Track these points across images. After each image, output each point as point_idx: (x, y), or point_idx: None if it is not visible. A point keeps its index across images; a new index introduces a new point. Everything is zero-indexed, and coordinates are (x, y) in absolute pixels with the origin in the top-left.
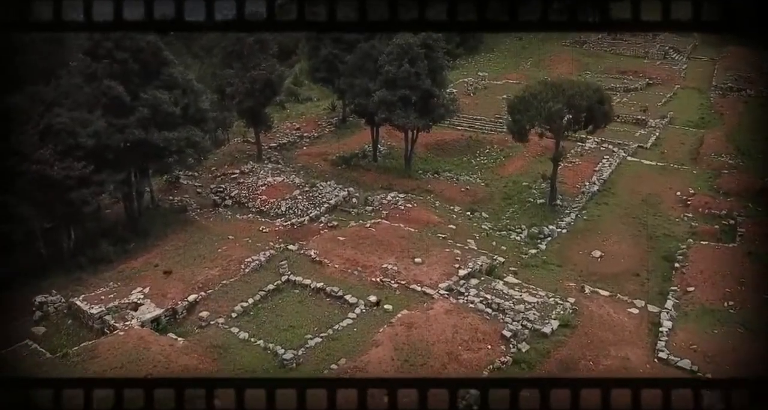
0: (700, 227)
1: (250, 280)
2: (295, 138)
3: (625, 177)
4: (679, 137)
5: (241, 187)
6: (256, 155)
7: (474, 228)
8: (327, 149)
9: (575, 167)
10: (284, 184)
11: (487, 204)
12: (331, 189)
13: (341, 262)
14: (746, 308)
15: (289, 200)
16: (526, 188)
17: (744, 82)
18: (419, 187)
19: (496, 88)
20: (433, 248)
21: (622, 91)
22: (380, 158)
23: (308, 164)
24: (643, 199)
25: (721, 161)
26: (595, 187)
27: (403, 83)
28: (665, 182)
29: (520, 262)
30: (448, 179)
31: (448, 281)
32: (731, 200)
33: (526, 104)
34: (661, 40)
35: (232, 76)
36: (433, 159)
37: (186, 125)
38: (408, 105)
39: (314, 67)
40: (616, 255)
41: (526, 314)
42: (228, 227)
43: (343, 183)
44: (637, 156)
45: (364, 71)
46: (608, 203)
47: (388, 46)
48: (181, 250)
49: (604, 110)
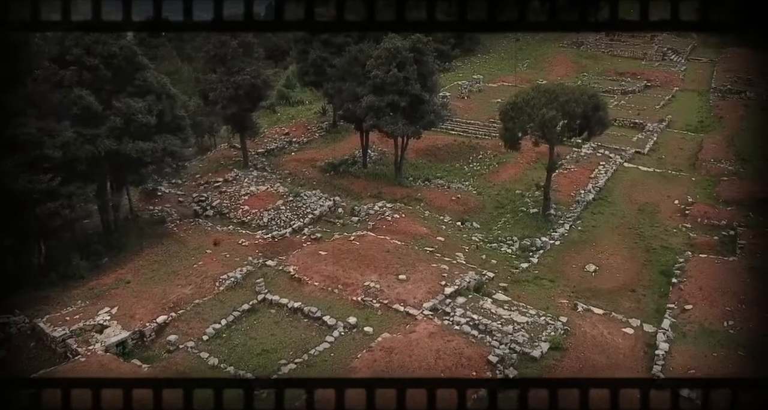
0: (698, 239)
1: (224, 299)
2: (284, 143)
3: (621, 184)
4: (677, 142)
5: (223, 196)
6: (242, 161)
7: (463, 240)
8: (316, 154)
9: (570, 173)
10: (268, 193)
11: (479, 214)
12: (316, 199)
13: (321, 279)
14: (747, 328)
15: (271, 211)
16: (519, 196)
17: (744, 85)
18: (409, 195)
19: (491, 91)
20: (419, 263)
21: (619, 93)
22: (371, 164)
23: (296, 170)
24: (640, 208)
25: (720, 168)
26: (590, 195)
27: (392, 88)
28: (663, 190)
29: (511, 277)
30: (439, 187)
31: (433, 299)
32: (731, 209)
33: (518, 111)
34: (660, 41)
35: (215, 81)
36: (424, 165)
37: (162, 134)
38: (397, 111)
39: (303, 70)
40: (611, 269)
41: (514, 336)
42: (207, 240)
43: (330, 192)
44: (635, 162)
45: (352, 76)
46: (604, 213)
47: (377, 50)
48: (155, 265)
49: (600, 116)
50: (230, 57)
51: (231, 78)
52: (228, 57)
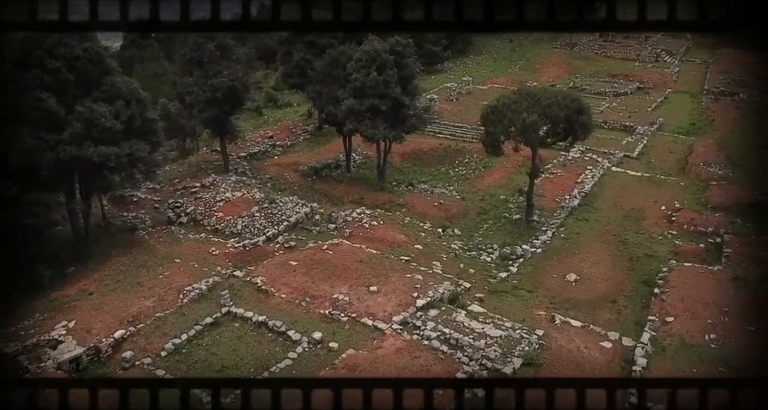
0: (683, 247)
1: (187, 312)
2: (267, 147)
3: (608, 189)
4: (667, 145)
5: (198, 202)
6: (223, 166)
7: (442, 248)
8: (299, 158)
9: (556, 178)
10: (243, 199)
11: (461, 220)
12: (292, 205)
13: (289, 291)
14: (729, 342)
15: (246, 218)
16: (503, 202)
17: (737, 86)
18: (391, 200)
19: (481, 93)
20: (392, 273)
21: (611, 95)
22: (354, 168)
23: (277, 175)
24: (626, 214)
25: (710, 172)
26: (575, 201)
27: (372, 92)
28: (650, 195)
29: (488, 287)
30: (423, 192)
31: (403, 313)
32: (719, 215)
33: (499, 115)
34: (654, 42)
35: (192, 85)
36: (409, 169)
37: (130, 139)
38: (377, 115)
39: (287, 72)
40: (593, 279)
41: (486, 351)
42: (177, 249)
43: (310, 197)
44: (623, 166)
45: (333, 78)
46: (588, 219)
47: (357, 53)
48: (120, 276)
49: (583, 120)
50: (207, 60)
51: (208, 81)
52: (205, 60)
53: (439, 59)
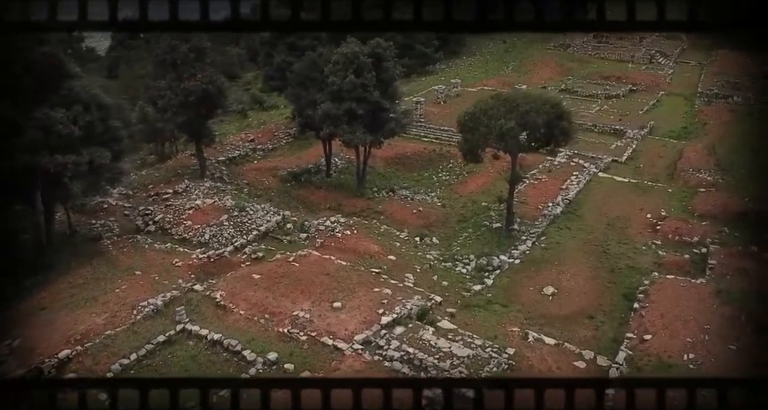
0: (667, 258)
1: (140, 330)
2: (248, 150)
3: (593, 196)
4: (657, 150)
5: (167, 210)
6: (199, 171)
7: (417, 259)
8: (279, 162)
9: (541, 184)
10: (214, 207)
11: (440, 228)
12: (263, 213)
13: (248, 307)
14: (708, 363)
15: (214, 227)
16: (484, 209)
17: (731, 89)
18: (369, 207)
19: (470, 96)
20: (359, 287)
21: (603, 98)
22: (335, 173)
23: (255, 180)
24: (610, 222)
25: (699, 178)
26: (558, 208)
27: (349, 96)
28: (636, 202)
29: (461, 301)
30: (403, 199)
31: (366, 331)
32: (706, 223)
33: (475, 121)
34: (648, 43)
35: (164, 88)
36: (392, 174)
37: (92, 146)
38: (355, 119)
39: (269, 74)
40: (571, 292)
41: (451, 373)
42: (139, 260)
43: (286, 204)
44: (610, 172)
45: (312, 81)
46: (571, 228)
47: (334, 55)
48: (76, 289)
49: (563, 126)
50: (180, 62)
51: (181, 84)
52: (178, 62)
53: (430, 60)
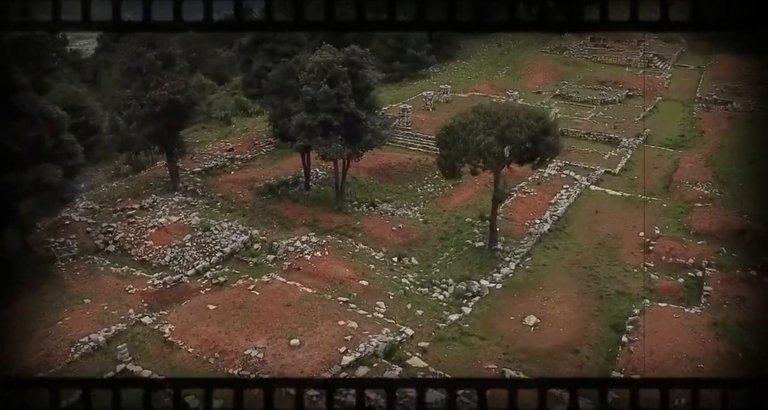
0: (660, 283)
1: (75, 370)
2: (226, 160)
3: (583, 212)
4: (653, 160)
5: (130, 228)
6: (171, 183)
7: (392, 284)
8: (257, 173)
9: (529, 198)
10: (178, 225)
11: (420, 247)
12: (229, 233)
13: (198, 344)
14: None
15: (176, 248)
16: (468, 225)
17: (730, 95)
18: (347, 224)
19: (461, 102)
20: (323, 320)
21: (599, 103)
22: (316, 184)
23: (229, 193)
24: (600, 242)
25: (695, 192)
26: (546, 226)
27: (323, 106)
28: (629, 219)
29: (435, 334)
30: (383, 214)
31: (325, 373)
32: (702, 243)
33: (453, 136)
34: (646, 47)
35: (129, 97)
36: (374, 187)
37: (41, 163)
38: (330, 131)
39: (247, 81)
40: (556, 322)
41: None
42: (92, 285)
43: (260, 219)
44: (603, 184)
45: (287, 89)
46: (558, 247)
47: (309, 63)
48: (16, 321)
49: (549, 142)
50: (146, 70)
51: (147, 94)
52: (144, 70)
53: (422, 64)
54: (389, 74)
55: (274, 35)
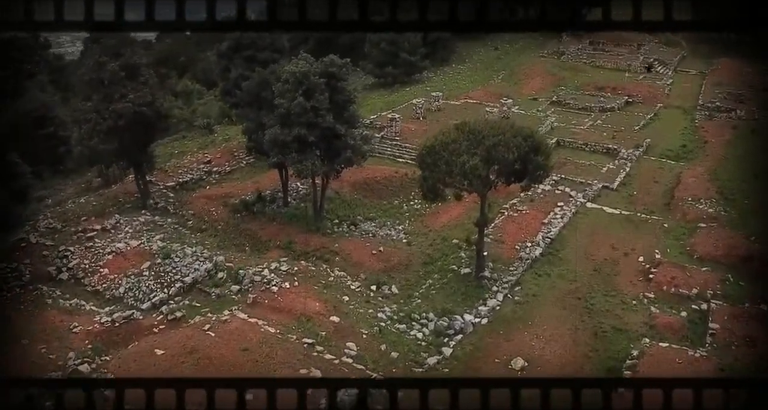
0: (661, 318)
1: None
2: (202, 174)
3: (579, 233)
4: (653, 173)
5: (87, 253)
6: (141, 200)
7: (366, 319)
8: (234, 188)
9: (521, 216)
10: (138, 251)
11: (402, 273)
12: (191, 260)
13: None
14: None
15: (132, 277)
16: (454, 248)
17: (734, 102)
18: (324, 246)
19: (453, 110)
20: (281, 369)
21: (597, 111)
22: (295, 200)
23: (202, 211)
24: (596, 267)
25: (698, 210)
26: (537, 249)
27: (298, 121)
28: (627, 241)
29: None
30: (364, 235)
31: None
32: (706, 270)
33: (435, 157)
34: (646, 51)
35: (90, 111)
36: (358, 202)
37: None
38: (306, 147)
39: (225, 89)
40: (545, 365)
41: None
42: (35, 322)
43: (232, 240)
44: (600, 201)
45: (262, 101)
46: (551, 274)
47: (284, 74)
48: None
49: (538, 162)
50: (108, 82)
51: (110, 106)
52: (106, 82)
53: (416, 69)
54: (381, 79)
55: (253, 42)
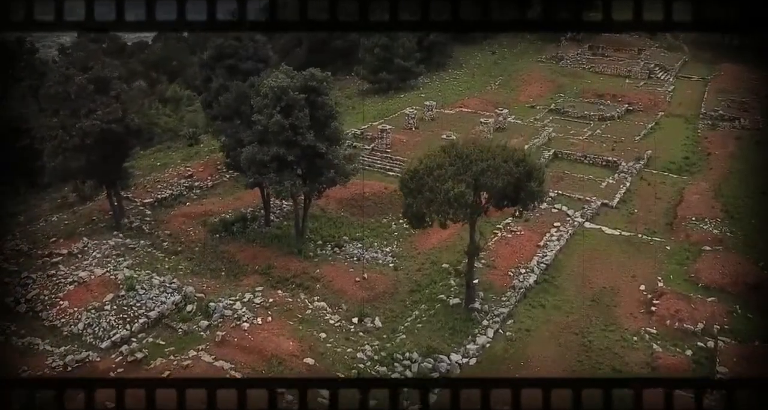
0: (664, 358)
1: None
2: (183, 189)
3: (576, 257)
4: (655, 188)
5: (48, 282)
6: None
7: (343, 361)
8: (214, 205)
9: (515, 238)
10: (102, 281)
11: (387, 302)
12: (159, 292)
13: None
14: None
15: (93, 311)
16: (444, 274)
17: (738, 110)
18: (305, 271)
19: (447, 120)
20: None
21: (596, 120)
22: (278, 218)
23: (179, 230)
24: (594, 297)
25: (703, 231)
26: (532, 277)
27: (276, 139)
28: (628, 266)
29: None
30: (349, 258)
31: None
32: (712, 300)
33: (419, 182)
34: (647, 56)
35: (56, 127)
36: (345, 221)
37: None
38: (285, 167)
39: (206, 100)
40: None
41: None
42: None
43: (208, 264)
44: (599, 220)
45: (241, 116)
46: (546, 305)
47: (263, 88)
48: None
49: (532, 189)
50: (75, 96)
51: (76, 123)
52: (72, 96)
53: (411, 75)
54: (376, 85)
55: (236, 51)
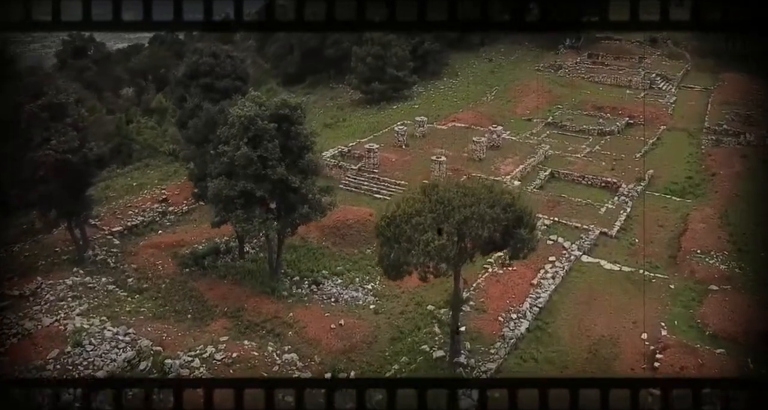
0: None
1: None
2: (156, 215)
3: (572, 298)
4: (657, 213)
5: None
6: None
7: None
8: (187, 234)
9: (507, 275)
10: (49, 332)
11: (364, 353)
12: (110, 347)
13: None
14: None
15: (34, 371)
16: (428, 318)
17: (742, 124)
18: (277, 315)
19: (438, 136)
20: None
21: (595, 134)
22: (254, 249)
23: (147, 264)
24: (592, 348)
25: (709, 266)
26: (524, 323)
27: (244, 172)
28: (628, 309)
29: None
30: (326, 299)
31: None
32: (721, 352)
33: (396, 230)
34: (648, 65)
35: (5, 158)
36: (326, 252)
37: None
38: (253, 203)
39: (181, 120)
40: None
41: None
42: None
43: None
44: (597, 253)
45: (210, 143)
46: (538, 359)
47: (228, 116)
48: None
49: (522, 236)
50: (27, 124)
51: (28, 153)
52: (23, 125)
53: (404, 85)
54: (368, 96)
55: (212, 69)
